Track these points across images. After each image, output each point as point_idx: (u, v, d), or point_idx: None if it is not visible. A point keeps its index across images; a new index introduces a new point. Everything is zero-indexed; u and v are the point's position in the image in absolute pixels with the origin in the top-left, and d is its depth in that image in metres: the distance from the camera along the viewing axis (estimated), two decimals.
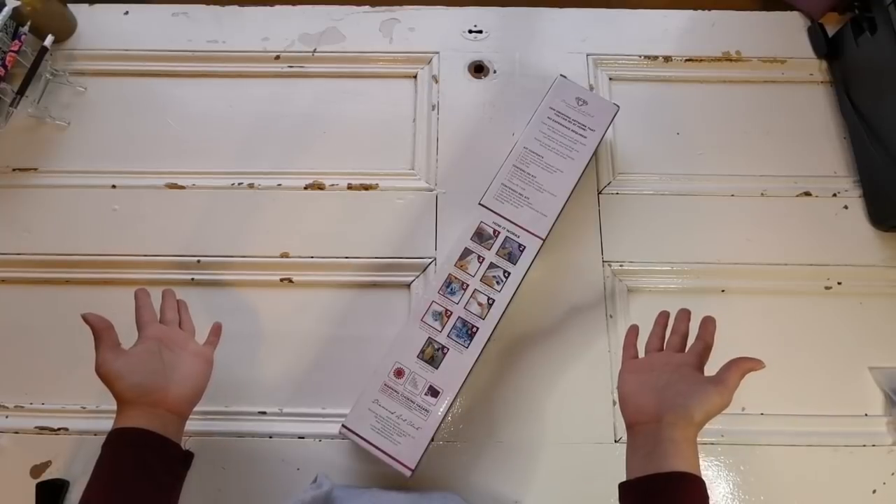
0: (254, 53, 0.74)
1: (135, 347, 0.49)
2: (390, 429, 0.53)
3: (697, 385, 0.45)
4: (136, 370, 0.47)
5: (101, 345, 0.48)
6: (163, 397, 0.47)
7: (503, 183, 0.61)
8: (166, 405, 0.47)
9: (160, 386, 0.47)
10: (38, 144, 0.70)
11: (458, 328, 0.56)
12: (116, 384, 0.46)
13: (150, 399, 0.46)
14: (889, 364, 0.62)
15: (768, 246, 0.66)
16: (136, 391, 0.46)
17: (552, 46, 0.75)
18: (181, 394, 0.48)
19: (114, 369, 0.46)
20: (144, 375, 0.47)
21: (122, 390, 0.46)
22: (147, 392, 0.46)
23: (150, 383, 0.47)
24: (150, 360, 0.48)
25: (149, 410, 0.46)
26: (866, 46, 0.68)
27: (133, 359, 0.47)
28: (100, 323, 0.48)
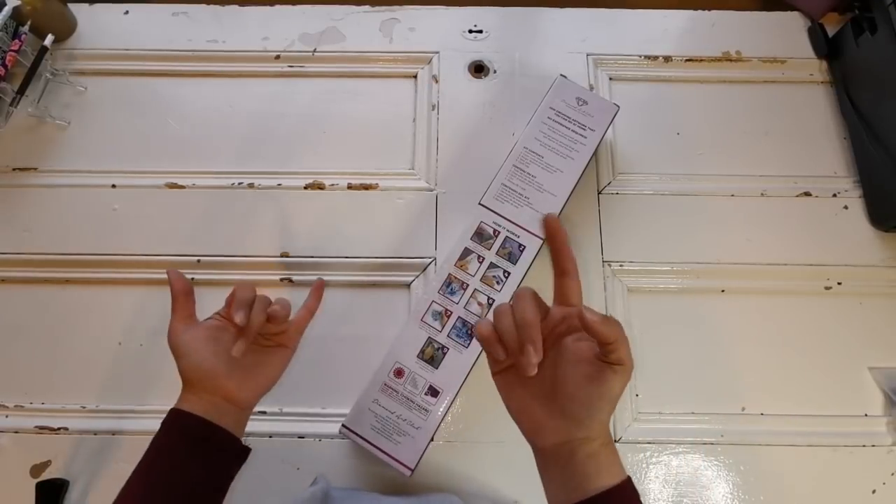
0: (254, 53, 0.74)
1: (208, 321, 0.45)
2: (390, 428, 0.53)
3: (590, 379, 0.36)
4: (201, 349, 0.43)
5: (174, 311, 0.44)
6: (223, 384, 0.43)
7: (503, 183, 0.61)
8: (225, 394, 0.43)
9: (221, 372, 0.43)
10: (38, 144, 0.70)
11: (457, 328, 0.56)
12: (179, 361, 0.43)
13: (209, 385, 0.43)
14: (889, 364, 0.62)
15: (768, 246, 0.66)
16: (196, 373, 0.43)
17: (552, 46, 0.75)
18: (246, 384, 0.44)
19: (179, 343, 0.43)
20: (206, 357, 0.43)
21: (182, 368, 0.43)
22: (207, 377, 0.43)
23: (211, 367, 0.43)
24: (219, 340, 0.44)
25: (207, 396, 0.43)
26: (866, 47, 0.68)
27: (200, 335, 0.44)
28: (179, 285, 0.45)
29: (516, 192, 0.60)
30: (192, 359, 0.43)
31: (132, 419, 0.60)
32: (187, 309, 0.45)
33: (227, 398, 0.43)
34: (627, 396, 0.61)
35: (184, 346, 0.43)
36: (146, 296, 0.64)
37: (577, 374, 0.37)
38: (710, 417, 0.60)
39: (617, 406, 0.38)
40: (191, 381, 0.43)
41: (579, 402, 0.36)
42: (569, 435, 0.37)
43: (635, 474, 0.58)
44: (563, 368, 0.38)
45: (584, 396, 0.36)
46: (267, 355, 0.46)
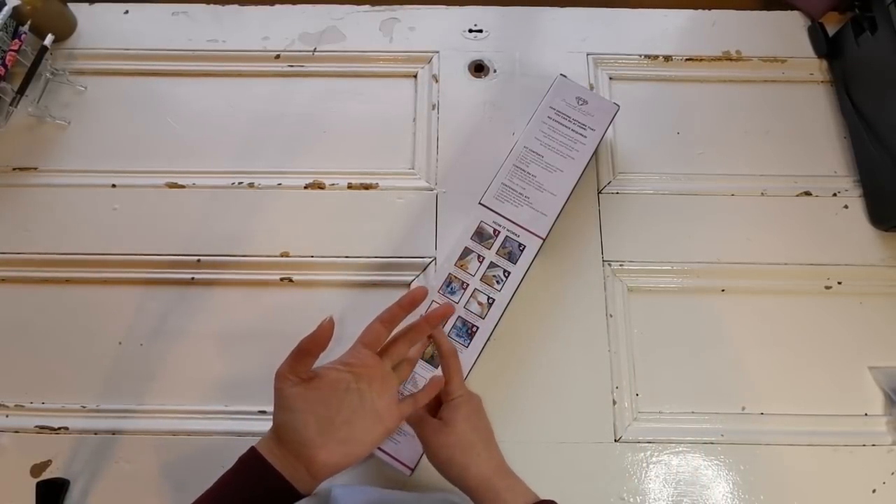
0: (254, 53, 0.74)
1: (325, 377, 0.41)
2: None
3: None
4: (304, 412, 0.40)
5: (291, 357, 0.41)
6: (309, 454, 0.39)
7: (503, 182, 0.61)
8: (307, 462, 0.39)
9: (314, 443, 0.39)
10: (39, 144, 0.70)
11: (457, 328, 0.56)
12: (278, 413, 0.40)
13: (296, 449, 0.39)
14: (889, 364, 0.62)
15: (768, 245, 0.66)
16: (290, 435, 0.40)
17: (552, 46, 0.75)
18: (331, 460, 0.40)
19: (286, 396, 0.40)
20: (306, 423, 0.39)
21: (278, 423, 0.40)
22: (298, 442, 0.39)
23: (307, 436, 0.39)
24: (327, 404, 0.40)
25: (288, 456, 0.40)
26: (867, 46, 0.68)
27: (311, 395, 0.40)
28: (314, 342, 0.41)
29: (516, 192, 0.60)
30: (295, 420, 0.40)
31: (132, 419, 0.60)
32: (305, 364, 0.41)
33: (308, 466, 0.40)
34: (627, 396, 0.61)
35: (289, 400, 0.40)
36: (146, 295, 0.64)
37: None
38: (710, 417, 0.60)
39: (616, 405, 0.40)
40: (281, 437, 0.40)
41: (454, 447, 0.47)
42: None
43: (635, 474, 0.58)
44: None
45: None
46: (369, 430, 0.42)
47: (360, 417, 0.41)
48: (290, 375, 0.40)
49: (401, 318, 0.45)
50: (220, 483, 0.41)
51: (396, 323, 0.45)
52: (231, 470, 0.41)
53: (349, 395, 0.41)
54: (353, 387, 0.41)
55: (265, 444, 0.41)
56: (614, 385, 0.61)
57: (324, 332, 0.41)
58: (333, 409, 0.40)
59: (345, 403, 0.41)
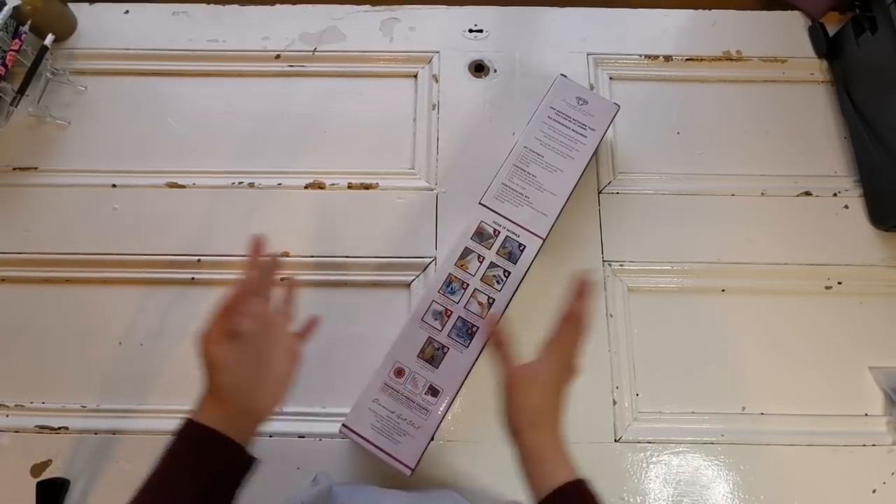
0: (254, 53, 0.74)
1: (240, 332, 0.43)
2: (390, 428, 0.53)
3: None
4: (237, 364, 0.42)
5: (219, 318, 0.43)
6: (251, 400, 0.43)
7: (503, 182, 0.61)
8: (250, 409, 0.43)
9: (252, 388, 0.43)
10: (39, 143, 0.70)
11: (458, 327, 0.56)
12: (215, 373, 0.42)
13: (239, 400, 0.42)
14: (889, 364, 0.62)
15: (768, 245, 0.66)
16: (230, 389, 0.42)
17: (553, 46, 0.75)
18: (269, 400, 0.44)
19: (219, 355, 0.42)
20: (241, 373, 0.42)
21: (217, 382, 0.42)
22: (239, 393, 0.42)
23: (245, 383, 0.42)
24: (251, 352, 0.43)
25: (231, 411, 0.42)
26: (867, 46, 0.68)
27: (238, 348, 0.42)
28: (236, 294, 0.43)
29: (516, 192, 0.60)
30: (231, 377, 0.42)
31: (132, 419, 0.60)
32: (230, 321, 0.43)
33: (252, 411, 0.43)
34: (628, 396, 0.61)
35: (223, 357, 0.42)
36: (146, 295, 0.64)
37: None
38: (710, 417, 0.60)
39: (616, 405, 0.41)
40: (222, 395, 0.42)
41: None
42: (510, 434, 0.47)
43: (636, 474, 0.58)
44: None
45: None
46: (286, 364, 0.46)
47: (277, 358, 0.45)
48: (220, 336, 0.42)
49: (261, 263, 0.49)
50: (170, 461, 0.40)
51: (260, 267, 0.49)
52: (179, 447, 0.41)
53: (262, 342, 0.44)
54: (263, 334, 0.44)
55: (204, 412, 0.41)
56: (614, 385, 0.61)
57: (244, 286, 0.44)
58: (257, 357, 0.44)
59: (263, 350, 0.44)
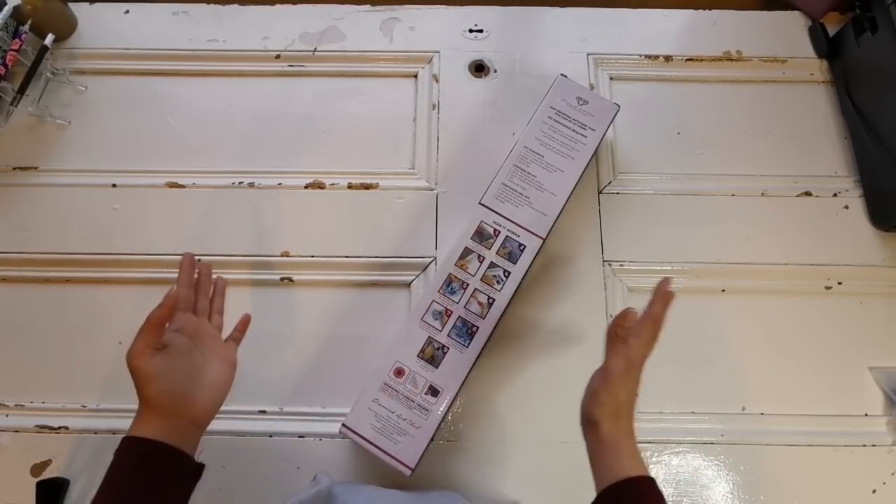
0: (254, 52, 0.74)
1: (169, 345, 0.44)
2: (390, 428, 0.53)
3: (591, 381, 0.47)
4: (169, 374, 0.43)
5: (144, 333, 0.43)
6: (188, 408, 0.44)
7: (503, 182, 0.61)
8: (190, 416, 0.44)
9: (188, 395, 0.44)
10: (39, 143, 0.70)
11: (458, 327, 0.56)
12: (147, 386, 0.42)
13: (176, 408, 0.43)
14: (889, 364, 0.62)
15: (768, 246, 0.66)
16: (165, 398, 0.42)
17: (553, 46, 0.75)
18: (206, 405, 0.45)
19: (148, 368, 0.42)
20: (175, 382, 0.43)
21: (150, 394, 0.42)
22: (175, 401, 0.43)
23: (180, 392, 0.43)
24: (182, 363, 0.45)
25: (171, 420, 0.43)
26: (867, 46, 0.68)
27: (168, 360, 0.43)
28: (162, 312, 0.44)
29: (517, 192, 0.60)
30: (163, 385, 0.42)
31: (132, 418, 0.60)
32: (157, 333, 0.44)
33: (192, 419, 0.44)
34: None
35: (153, 370, 0.42)
36: (146, 295, 0.63)
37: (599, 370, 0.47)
38: (710, 417, 0.60)
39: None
40: (154, 405, 0.42)
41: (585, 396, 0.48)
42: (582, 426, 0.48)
43: None
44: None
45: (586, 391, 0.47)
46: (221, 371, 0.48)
47: (209, 365, 0.47)
48: (146, 350, 0.43)
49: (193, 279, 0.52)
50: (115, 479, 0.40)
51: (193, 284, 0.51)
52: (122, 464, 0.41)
53: (193, 352, 0.46)
54: (191, 345, 0.46)
55: (142, 427, 0.42)
56: None
57: (171, 303, 0.44)
58: (188, 365, 0.45)
59: (194, 358, 0.46)
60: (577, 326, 0.63)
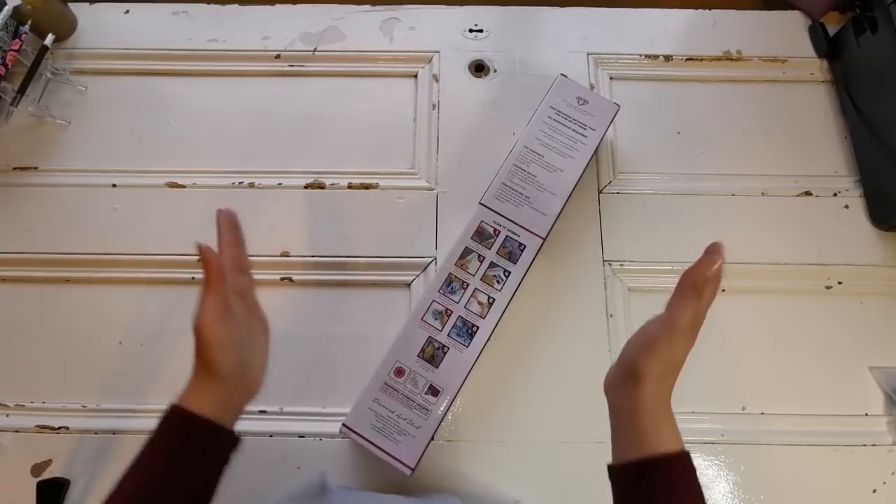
0: (254, 52, 0.74)
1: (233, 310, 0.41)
2: (390, 428, 0.53)
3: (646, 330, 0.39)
4: (237, 344, 0.40)
5: (210, 297, 0.40)
6: (248, 380, 0.41)
7: (504, 182, 0.61)
8: (247, 388, 0.42)
9: (248, 368, 0.41)
10: (39, 143, 0.70)
11: (458, 327, 0.56)
12: (218, 355, 0.39)
13: (237, 380, 0.40)
14: (889, 364, 0.62)
15: (768, 245, 0.66)
16: (232, 369, 0.40)
17: (553, 46, 0.75)
18: (260, 376, 0.43)
19: (222, 335, 0.39)
20: (242, 352, 0.40)
21: (219, 364, 0.39)
22: (240, 373, 0.40)
23: (242, 365, 0.40)
24: (243, 331, 0.42)
25: (230, 392, 0.40)
26: (867, 46, 0.68)
27: (235, 328, 0.40)
28: (216, 267, 0.40)
29: (517, 192, 0.60)
30: (234, 356, 0.40)
31: (132, 418, 0.60)
32: (222, 292, 0.40)
33: (248, 391, 0.42)
34: None
35: (225, 339, 0.39)
36: (146, 295, 0.64)
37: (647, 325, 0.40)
38: (710, 417, 0.60)
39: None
40: (223, 376, 0.39)
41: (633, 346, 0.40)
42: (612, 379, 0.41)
43: None
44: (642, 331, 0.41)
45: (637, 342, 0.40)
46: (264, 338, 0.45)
47: (258, 333, 0.44)
48: (219, 315, 0.40)
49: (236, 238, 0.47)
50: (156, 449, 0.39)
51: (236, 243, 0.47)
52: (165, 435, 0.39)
53: (247, 319, 0.43)
54: (245, 311, 0.43)
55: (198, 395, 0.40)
56: None
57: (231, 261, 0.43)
58: (248, 333, 0.42)
59: (249, 327, 0.43)
60: (577, 326, 0.63)
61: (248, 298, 0.44)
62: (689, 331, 0.39)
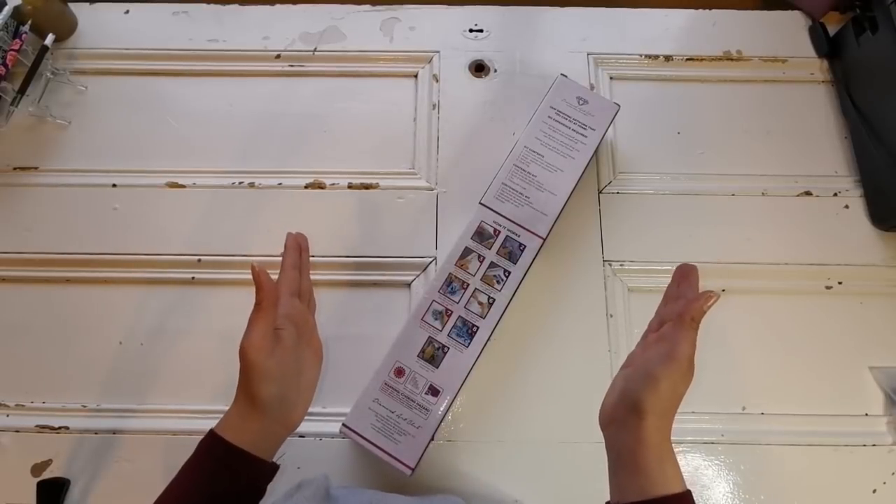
0: (254, 52, 0.74)
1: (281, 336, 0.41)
2: (390, 428, 0.53)
3: (647, 364, 0.38)
4: (283, 376, 0.39)
5: (259, 322, 0.39)
6: (291, 414, 0.41)
7: (504, 182, 0.61)
8: (289, 422, 0.41)
9: (291, 401, 0.40)
10: (39, 143, 0.70)
11: (458, 327, 0.56)
12: (262, 386, 0.38)
13: (280, 413, 0.40)
14: (889, 364, 0.62)
15: (769, 245, 0.66)
16: (275, 402, 0.39)
17: (553, 45, 0.75)
18: (304, 411, 0.42)
19: (269, 366, 0.39)
20: (288, 385, 0.40)
21: (263, 395, 0.38)
22: (283, 406, 0.40)
23: (286, 397, 0.40)
24: (291, 361, 0.41)
25: (271, 424, 0.40)
26: (867, 46, 0.68)
27: (282, 357, 0.40)
28: (269, 291, 0.40)
29: (517, 192, 0.60)
30: (277, 389, 0.39)
31: (133, 418, 0.60)
32: (270, 320, 0.40)
33: (288, 425, 0.41)
34: None
35: (271, 369, 0.38)
36: (147, 295, 0.64)
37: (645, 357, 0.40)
38: (710, 417, 0.60)
39: None
40: (265, 408, 0.39)
41: (632, 381, 0.38)
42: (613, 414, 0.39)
43: None
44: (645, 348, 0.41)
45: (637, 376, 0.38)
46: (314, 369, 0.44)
47: (309, 362, 0.43)
48: (266, 343, 0.39)
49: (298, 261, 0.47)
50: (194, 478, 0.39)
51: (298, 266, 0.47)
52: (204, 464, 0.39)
53: (298, 347, 0.42)
54: (297, 338, 0.43)
55: (238, 423, 0.39)
56: None
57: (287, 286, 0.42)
58: (295, 363, 0.41)
59: (299, 356, 0.42)
60: (577, 326, 0.63)
61: (303, 325, 0.43)
62: (690, 364, 0.39)
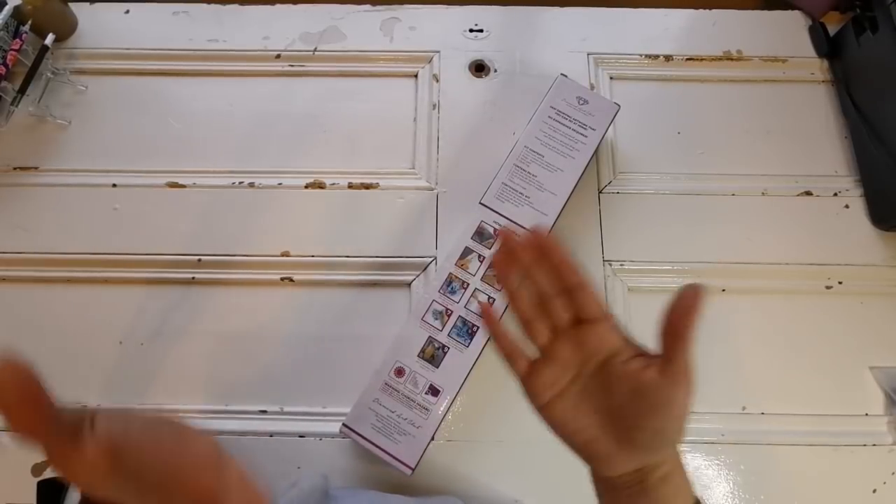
0: (254, 52, 0.74)
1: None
2: (391, 427, 0.53)
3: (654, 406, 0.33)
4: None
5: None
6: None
7: (504, 182, 0.61)
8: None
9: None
10: (39, 143, 0.70)
11: (458, 327, 0.56)
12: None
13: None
14: (890, 364, 0.62)
15: (769, 245, 0.66)
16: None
17: (553, 45, 0.75)
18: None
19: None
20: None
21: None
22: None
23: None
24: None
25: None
26: (868, 46, 0.68)
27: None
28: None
29: (517, 192, 0.60)
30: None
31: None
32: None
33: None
34: None
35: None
36: (147, 295, 0.64)
37: (638, 401, 0.34)
38: (710, 417, 0.60)
39: None
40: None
41: (651, 431, 0.33)
42: (641, 463, 0.34)
43: None
44: (619, 397, 0.34)
45: (654, 425, 0.33)
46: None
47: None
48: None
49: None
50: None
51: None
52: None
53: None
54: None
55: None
56: None
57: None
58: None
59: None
60: None
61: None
62: (691, 377, 0.36)
